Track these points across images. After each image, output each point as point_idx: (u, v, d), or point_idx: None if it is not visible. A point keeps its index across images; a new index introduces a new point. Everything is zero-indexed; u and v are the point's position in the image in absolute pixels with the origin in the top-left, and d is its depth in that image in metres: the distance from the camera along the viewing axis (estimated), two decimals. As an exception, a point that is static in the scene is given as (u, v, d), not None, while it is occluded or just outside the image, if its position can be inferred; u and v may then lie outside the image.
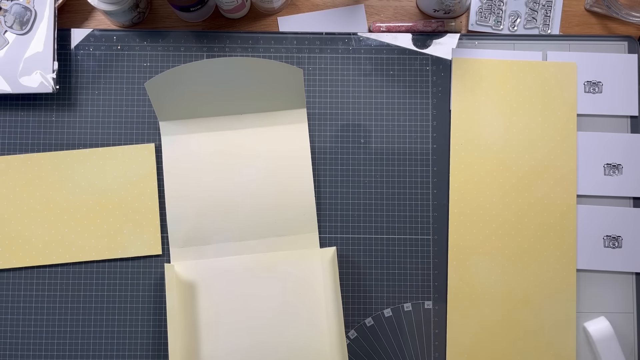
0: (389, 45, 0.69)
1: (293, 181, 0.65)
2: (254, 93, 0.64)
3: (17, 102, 0.67)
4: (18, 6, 0.65)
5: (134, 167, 0.66)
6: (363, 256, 0.66)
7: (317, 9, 0.70)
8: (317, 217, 0.66)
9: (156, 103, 0.63)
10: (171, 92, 0.63)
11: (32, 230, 0.65)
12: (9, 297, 0.65)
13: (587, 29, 0.70)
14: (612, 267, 0.66)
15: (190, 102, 0.64)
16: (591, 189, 0.67)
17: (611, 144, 0.67)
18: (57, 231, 0.65)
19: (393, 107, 0.68)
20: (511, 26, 0.69)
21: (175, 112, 0.65)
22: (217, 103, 0.65)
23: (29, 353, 0.65)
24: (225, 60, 0.62)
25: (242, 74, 0.63)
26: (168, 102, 0.64)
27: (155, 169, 0.66)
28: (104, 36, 0.68)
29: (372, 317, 0.65)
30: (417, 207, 0.67)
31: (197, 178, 0.65)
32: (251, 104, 0.65)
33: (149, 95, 0.62)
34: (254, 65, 0.62)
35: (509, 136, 0.67)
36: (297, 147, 0.66)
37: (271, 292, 0.64)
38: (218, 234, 0.65)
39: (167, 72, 0.61)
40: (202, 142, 0.66)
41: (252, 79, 0.63)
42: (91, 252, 0.65)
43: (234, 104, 0.65)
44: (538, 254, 0.66)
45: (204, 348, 0.62)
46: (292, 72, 0.62)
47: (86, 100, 0.68)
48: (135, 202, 0.66)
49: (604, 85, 0.68)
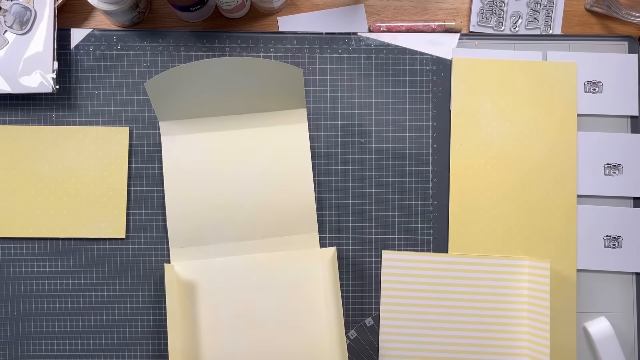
0: (389, 45, 0.69)
1: (293, 181, 0.65)
2: (254, 93, 0.64)
3: (17, 102, 0.67)
4: (18, 6, 0.65)
5: (107, 148, 0.66)
6: (363, 256, 0.66)
7: (317, 9, 0.70)
8: (317, 217, 0.66)
9: (156, 103, 0.63)
10: (171, 92, 0.63)
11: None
12: (9, 297, 0.65)
13: (587, 29, 0.70)
14: (612, 267, 0.66)
15: (190, 102, 0.64)
16: (591, 189, 0.67)
17: (611, 144, 0.67)
18: (23, 205, 0.65)
19: (393, 107, 0.68)
20: (513, 27, 0.69)
21: (175, 112, 0.65)
22: (217, 103, 0.65)
23: (29, 353, 0.65)
24: (225, 60, 0.62)
25: (242, 73, 0.63)
26: (168, 102, 0.64)
27: (127, 152, 0.66)
28: (104, 36, 0.68)
29: (372, 317, 0.65)
30: (417, 207, 0.67)
31: (197, 178, 0.65)
32: (251, 103, 0.65)
33: (149, 95, 0.62)
34: (253, 65, 0.62)
35: (509, 136, 0.67)
36: (297, 147, 0.66)
37: (271, 292, 0.64)
38: (218, 234, 0.65)
39: (166, 72, 0.61)
40: (202, 142, 0.66)
41: (252, 78, 0.63)
42: (55, 229, 0.65)
43: (233, 104, 0.65)
44: (538, 254, 0.66)
45: (204, 348, 0.62)
46: (292, 72, 0.62)
47: (86, 100, 0.68)
48: (104, 184, 0.66)
49: (604, 85, 0.68)
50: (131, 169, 0.67)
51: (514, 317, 0.64)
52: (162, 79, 0.61)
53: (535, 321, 0.62)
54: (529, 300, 0.64)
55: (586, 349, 0.65)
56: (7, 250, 0.66)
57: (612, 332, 0.64)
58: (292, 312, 0.63)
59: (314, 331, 0.63)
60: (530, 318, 0.63)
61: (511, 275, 0.65)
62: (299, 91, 0.64)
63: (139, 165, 0.67)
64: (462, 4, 0.71)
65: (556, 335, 0.65)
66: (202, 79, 0.62)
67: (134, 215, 0.66)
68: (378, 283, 0.66)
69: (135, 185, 0.67)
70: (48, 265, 0.66)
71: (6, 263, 0.66)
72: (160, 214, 0.66)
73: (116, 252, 0.66)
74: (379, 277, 0.66)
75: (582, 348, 0.65)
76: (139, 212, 0.66)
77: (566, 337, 0.65)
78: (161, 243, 0.66)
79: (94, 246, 0.66)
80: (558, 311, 0.65)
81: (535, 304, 0.63)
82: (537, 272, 0.63)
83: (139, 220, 0.66)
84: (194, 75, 0.62)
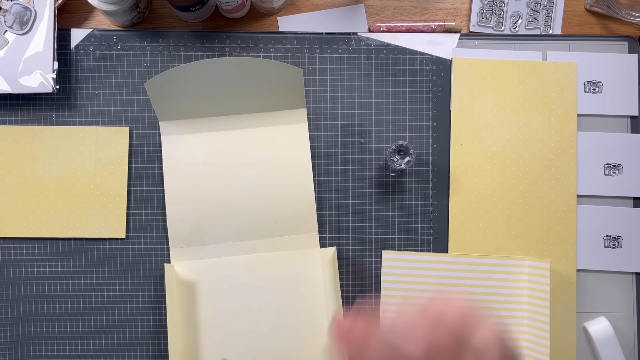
0: (389, 45, 0.69)
1: (293, 181, 0.65)
2: (254, 93, 0.64)
3: (17, 102, 0.67)
4: (18, 6, 0.65)
5: (107, 148, 0.66)
6: (363, 256, 0.66)
7: (317, 9, 0.70)
8: (317, 217, 0.66)
9: (156, 103, 0.63)
10: (171, 92, 0.63)
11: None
12: (9, 297, 0.65)
13: (587, 29, 0.70)
14: (612, 267, 0.66)
15: (191, 102, 0.64)
16: (591, 189, 0.67)
17: (611, 144, 0.67)
18: (23, 205, 0.65)
19: (393, 107, 0.68)
20: (512, 27, 0.69)
21: (176, 112, 0.65)
22: (217, 103, 0.65)
23: (29, 353, 0.65)
24: (225, 60, 0.62)
25: (242, 73, 0.63)
26: (168, 102, 0.64)
27: (127, 152, 0.66)
28: (104, 36, 0.68)
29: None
30: (417, 207, 0.67)
31: (198, 178, 0.65)
32: (251, 103, 0.65)
33: (149, 95, 0.62)
34: (254, 65, 0.62)
35: (509, 136, 0.67)
36: (297, 148, 0.66)
37: (271, 291, 0.64)
38: (218, 234, 0.65)
39: (167, 72, 0.61)
40: (202, 142, 0.66)
41: (252, 78, 0.63)
42: (55, 229, 0.65)
43: (234, 104, 0.65)
44: (538, 255, 0.66)
45: (203, 348, 0.62)
46: (292, 72, 0.62)
47: (86, 100, 0.68)
48: (104, 184, 0.66)
49: (604, 85, 0.68)
50: (131, 169, 0.67)
51: (514, 317, 0.64)
52: (162, 79, 0.61)
53: (535, 321, 0.62)
54: (529, 300, 0.64)
55: (586, 349, 0.65)
56: (7, 250, 0.66)
57: (612, 332, 0.64)
58: (292, 312, 0.63)
59: (314, 331, 0.63)
60: (530, 318, 0.63)
61: (511, 275, 0.65)
62: (299, 91, 0.64)
63: (139, 165, 0.67)
64: (462, 4, 0.71)
65: (556, 335, 0.65)
66: (202, 79, 0.62)
67: (134, 215, 0.66)
68: (378, 283, 0.66)
69: (135, 185, 0.67)
70: (48, 265, 0.66)
71: (6, 263, 0.66)
72: (160, 214, 0.66)
73: (116, 252, 0.66)
74: (379, 277, 0.66)
75: (582, 348, 0.65)
76: (139, 212, 0.66)
77: (566, 337, 0.65)
78: (161, 243, 0.66)
79: (94, 246, 0.66)
80: (558, 311, 0.65)
81: (535, 304, 0.63)
82: (537, 272, 0.63)
83: (139, 220, 0.66)
84: (194, 75, 0.62)
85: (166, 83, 0.62)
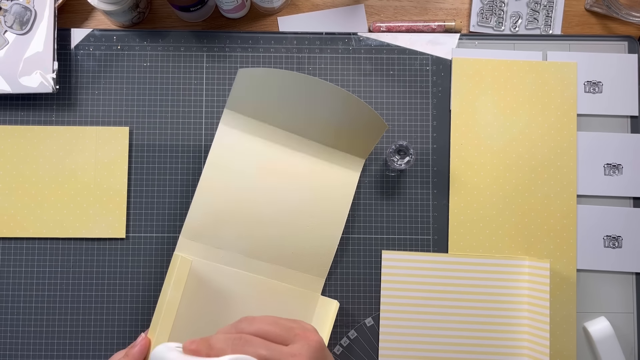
0: (389, 45, 0.69)
1: (324, 223, 0.64)
2: (329, 125, 0.63)
3: (17, 102, 0.67)
4: (18, 6, 0.65)
5: (107, 148, 0.66)
6: (363, 256, 0.66)
7: (317, 9, 0.70)
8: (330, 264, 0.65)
9: (236, 90, 0.62)
10: (256, 87, 0.62)
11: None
12: (9, 297, 0.65)
13: (587, 29, 0.70)
14: (612, 267, 0.66)
15: (267, 105, 0.63)
16: (591, 189, 0.67)
17: (611, 144, 0.67)
18: (24, 205, 0.65)
19: (393, 107, 0.68)
20: (512, 27, 0.69)
21: (246, 108, 0.63)
22: (290, 117, 0.63)
23: (29, 353, 0.65)
24: (321, 82, 0.61)
25: (329, 102, 0.61)
26: (247, 95, 0.62)
27: (127, 152, 0.66)
28: (104, 36, 0.68)
29: (372, 317, 0.65)
30: (417, 207, 0.67)
31: (235, 180, 0.63)
32: (320, 133, 0.64)
33: (236, 79, 0.61)
34: (345, 99, 0.61)
35: (509, 136, 0.67)
36: (341, 194, 0.65)
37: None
38: (232, 242, 0.63)
39: (262, 69, 0.61)
40: (256, 147, 0.64)
41: (336, 111, 0.62)
42: (55, 229, 0.65)
43: (304, 126, 0.63)
44: (538, 255, 0.66)
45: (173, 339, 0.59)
46: (376, 123, 0.62)
47: (86, 100, 0.68)
48: (104, 184, 0.66)
49: (604, 85, 0.68)
50: (131, 169, 0.67)
51: (514, 317, 0.64)
52: (257, 73, 0.61)
53: (535, 321, 0.62)
54: (528, 300, 0.64)
55: (586, 349, 0.65)
56: (7, 250, 0.66)
57: (612, 332, 0.64)
58: None
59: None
60: (530, 318, 0.63)
61: (511, 275, 0.65)
62: (371, 142, 0.64)
63: (139, 165, 0.67)
64: (462, 4, 0.71)
65: (556, 335, 0.65)
66: (291, 90, 0.61)
67: (134, 215, 0.66)
68: (378, 283, 0.66)
69: (135, 185, 0.67)
70: (48, 265, 0.66)
71: (6, 263, 0.66)
72: (160, 214, 0.66)
73: (116, 252, 0.66)
74: (379, 277, 0.66)
75: (582, 348, 0.65)
76: (139, 212, 0.66)
77: (566, 337, 0.65)
78: (161, 243, 0.66)
79: (94, 246, 0.66)
80: (558, 311, 0.65)
81: (535, 304, 0.63)
82: (537, 272, 0.63)
83: (139, 220, 0.66)
84: (288, 83, 0.61)
85: (256, 77, 0.61)
